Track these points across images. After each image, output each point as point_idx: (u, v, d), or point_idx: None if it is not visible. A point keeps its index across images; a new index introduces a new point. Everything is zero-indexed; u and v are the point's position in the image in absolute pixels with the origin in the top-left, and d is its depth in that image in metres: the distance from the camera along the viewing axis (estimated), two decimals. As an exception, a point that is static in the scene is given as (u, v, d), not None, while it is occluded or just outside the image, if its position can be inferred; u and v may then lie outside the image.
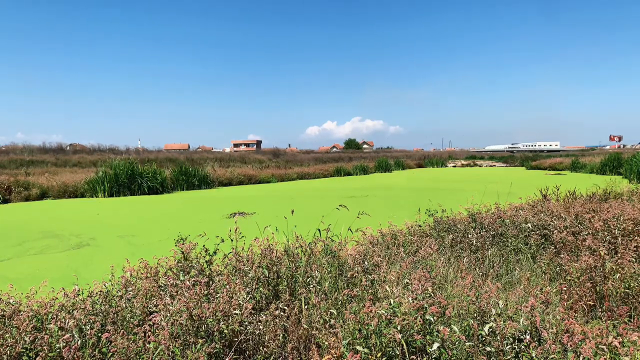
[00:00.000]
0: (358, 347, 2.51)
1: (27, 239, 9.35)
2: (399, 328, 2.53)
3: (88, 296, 3.53)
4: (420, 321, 2.59)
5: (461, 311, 3.03)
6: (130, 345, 2.68)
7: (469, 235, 5.80)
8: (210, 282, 3.71)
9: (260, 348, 3.04)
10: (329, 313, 3.23)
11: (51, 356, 2.66)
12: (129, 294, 3.56)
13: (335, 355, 2.43)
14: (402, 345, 2.51)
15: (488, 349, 2.53)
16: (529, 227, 5.91)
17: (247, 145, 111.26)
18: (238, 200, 17.08)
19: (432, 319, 2.64)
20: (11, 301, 3.36)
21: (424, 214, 6.97)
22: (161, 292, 3.57)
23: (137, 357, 2.67)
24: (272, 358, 2.99)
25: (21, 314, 3.07)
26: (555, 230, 5.65)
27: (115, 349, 2.66)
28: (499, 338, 2.53)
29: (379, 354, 2.49)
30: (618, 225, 5.43)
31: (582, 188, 10.76)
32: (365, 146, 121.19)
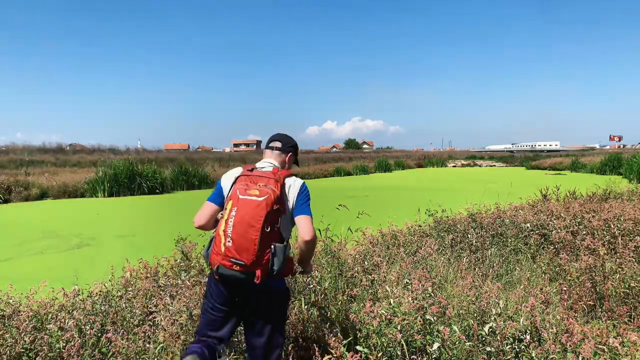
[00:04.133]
0: (358, 347, 2.52)
1: (27, 239, 9.35)
2: (399, 328, 2.54)
3: (88, 296, 3.53)
4: (420, 321, 2.59)
5: (461, 311, 3.03)
6: (130, 346, 2.68)
7: (469, 235, 5.80)
8: (210, 282, 3.70)
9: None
10: (329, 313, 3.23)
11: (51, 356, 2.66)
12: (129, 294, 3.56)
13: (335, 355, 2.43)
14: (403, 345, 2.51)
15: (488, 349, 2.54)
16: (528, 227, 5.91)
17: (247, 145, 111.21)
18: (238, 200, 17.03)
19: (432, 319, 2.64)
20: (11, 301, 3.36)
21: (424, 214, 6.96)
22: (161, 292, 3.57)
23: (137, 357, 2.67)
24: (272, 358, 2.98)
25: (21, 314, 3.06)
26: (554, 230, 5.65)
27: (115, 349, 2.66)
28: (499, 338, 2.53)
29: (379, 354, 2.49)
30: (618, 225, 5.43)
31: (582, 188, 10.74)
32: (365, 146, 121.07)
